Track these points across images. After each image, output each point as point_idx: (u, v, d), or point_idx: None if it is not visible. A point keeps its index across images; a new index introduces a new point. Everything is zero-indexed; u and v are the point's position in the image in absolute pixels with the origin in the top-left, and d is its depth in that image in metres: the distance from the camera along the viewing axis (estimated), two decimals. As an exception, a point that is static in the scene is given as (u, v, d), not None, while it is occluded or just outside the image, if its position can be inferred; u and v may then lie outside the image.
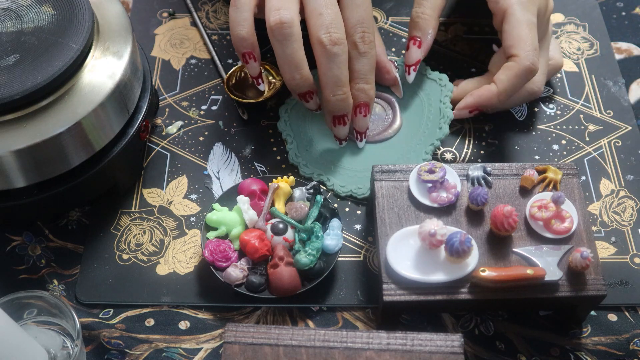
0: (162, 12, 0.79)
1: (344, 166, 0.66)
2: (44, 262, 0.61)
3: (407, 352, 0.51)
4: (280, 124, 0.69)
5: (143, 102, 0.63)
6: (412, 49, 0.67)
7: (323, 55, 0.61)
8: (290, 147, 0.67)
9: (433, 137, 0.66)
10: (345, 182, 0.65)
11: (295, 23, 0.60)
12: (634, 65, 0.76)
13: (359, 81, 0.63)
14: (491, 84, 0.65)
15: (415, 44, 0.67)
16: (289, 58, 0.61)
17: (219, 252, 0.58)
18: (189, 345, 0.58)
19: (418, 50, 0.67)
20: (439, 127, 0.66)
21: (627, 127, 0.71)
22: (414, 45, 0.67)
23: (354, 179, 0.65)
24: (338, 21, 0.61)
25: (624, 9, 0.81)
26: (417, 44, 0.67)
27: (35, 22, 0.58)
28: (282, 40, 0.60)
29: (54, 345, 0.55)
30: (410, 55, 0.67)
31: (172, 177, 0.66)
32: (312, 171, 0.66)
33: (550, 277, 0.55)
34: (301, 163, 0.66)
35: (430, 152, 0.66)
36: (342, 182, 0.65)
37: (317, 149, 0.67)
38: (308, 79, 0.63)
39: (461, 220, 0.58)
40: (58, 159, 0.56)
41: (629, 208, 0.66)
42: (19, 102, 0.53)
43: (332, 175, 0.66)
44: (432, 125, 0.67)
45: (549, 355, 0.58)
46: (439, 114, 0.67)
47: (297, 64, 0.61)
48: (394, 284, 0.55)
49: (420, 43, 0.67)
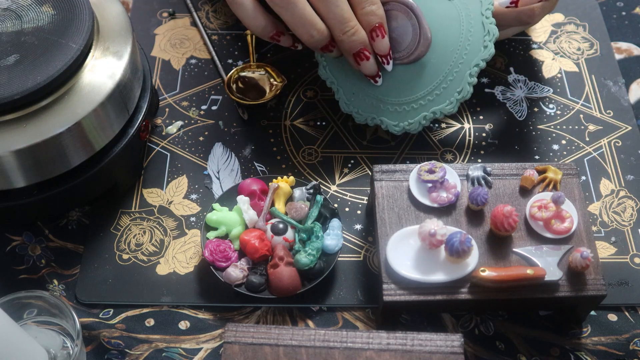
0: (162, 12, 0.79)
1: (393, 101, 0.65)
2: (44, 262, 0.61)
3: (407, 352, 0.51)
4: (320, 70, 0.68)
5: (143, 102, 0.63)
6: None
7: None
8: (339, 95, 0.67)
9: (477, 57, 0.63)
10: (397, 120, 0.65)
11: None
12: (634, 65, 0.76)
13: (364, 4, 0.61)
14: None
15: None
16: (299, 19, 0.60)
17: (219, 252, 0.58)
18: (189, 345, 0.58)
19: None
20: (484, 46, 0.63)
21: (627, 127, 0.71)
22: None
23: (403, 114, 0.65)
24: None
25: (624, 9, 0.81)
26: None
27: (35, 22, 0.58)
28: (285, 5, 0.60)
29: (54, 345, 0.55)
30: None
31: (172, 177, 0.66)
32: (365, 117, 0.66)
33: (550, 277, 0.55)
34: (353, 111, 0.67)
35: (475, 74, 0.63)
36: (394, 120, 0.65)
37: (362, 90, 0.66)
38: (324, 30, 0.61)
39: (461, 220, 0.58)
40: (58, 159, 0.56)
41: (629, 208, 0.66)
42: (19, 102, 0.53)
43: (384, 116, 0.66)
44: (475, 42, 0.63)
45: (549, 355, 0.58)
46: (483, 29, 0.63)
47: (309, 22, 0.60)
48: (394, 284, 0.55)
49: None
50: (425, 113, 0.64)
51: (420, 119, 0.65)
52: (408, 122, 0.65)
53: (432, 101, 0.65)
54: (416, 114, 0.65)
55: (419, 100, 0.65)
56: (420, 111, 0.65)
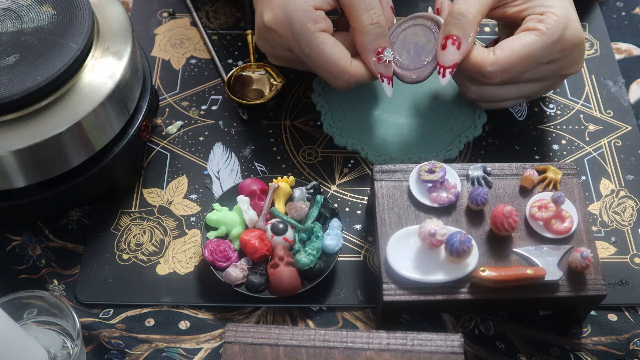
0: (162, 12, 0.79)
1: (378, 137, 0.67)
2: (44, 262, 0.61)
3: (407, 352, 0.51)
4: (314, 96, 0.70)
5: (143, 102, 0.63)
6: (449, 48, 0.60)
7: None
8: (325, 117, 0.68)
9: (467, 131, 0.68)
10: (379, 152, 0.66)
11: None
12: (634, 65, 0.76)
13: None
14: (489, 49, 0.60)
15: (454, 45, 0.60)
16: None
17: (219, 252, 0.58)
18: (189, 345, 0.58)
19: (456, 51, 0.60)
20: (475, 125, 0.68)
21: (627, 127, 0.71)
22: (452, 45, 0.60)
23: (387, 149, 0.66)
24: None
25: (624, 9, 0.81)
26: (455, 45, 0.60)
27: (35, 22, 0.58)
28: None
29: (54, 345, 0.55)
30: (447, 55, 0.60)
31: (172, 177, 0.66)
32: (346, 140, 0.67)
33: (550, 277, 0.55)
34: (335, 133, 0.68)
35: (462, 144, 0.67)
36: (376, 151, 0.66)
37: (351, 119, 0.68)
38: (354, 74, 0.62)
39: (461, 220, 0.58)
40: (58, 159, 0.56)
41: (629, 208, 0.66)
42: (19, 102, 0.53)
43: (365, 145, 0.67)
44: (467, 118, 0.68)
45: (549, 355, 0.58)
46: (474, 111, 0.69)
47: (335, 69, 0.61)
48: (394, 283, 0.55)
49: (459, 44, 0.60)
50: (410, 156, 0.66)
51: (404, 158, 0.66)
52: (390, 157, 0.66)
53: (419, 149, 0.67)
54: (401, 153, 0.67)
55: (406, 146, 0.67)
56: (405, 154, 0.67)
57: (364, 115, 0.69)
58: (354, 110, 0.69)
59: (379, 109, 0.69)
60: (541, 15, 0.61)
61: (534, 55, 0.60)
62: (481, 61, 0.60)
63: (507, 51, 0.60)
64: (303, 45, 0.60)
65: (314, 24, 0.60)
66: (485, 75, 0.60)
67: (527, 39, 0.60)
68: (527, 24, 0.61)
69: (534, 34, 0.60)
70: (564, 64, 0.62)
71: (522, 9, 0.62)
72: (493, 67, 0.60)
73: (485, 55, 0.60)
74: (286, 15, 0.60)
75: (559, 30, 0.60)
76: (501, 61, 0.60)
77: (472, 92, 0.64)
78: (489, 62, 0.60)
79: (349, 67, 0.61)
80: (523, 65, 0.60)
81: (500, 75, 0.60)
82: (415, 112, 0.69)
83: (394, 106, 0.69)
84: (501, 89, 0.63)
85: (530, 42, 0.60)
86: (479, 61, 0.60)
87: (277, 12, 0.61)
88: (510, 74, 0.60)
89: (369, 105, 0.69)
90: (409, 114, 0.69)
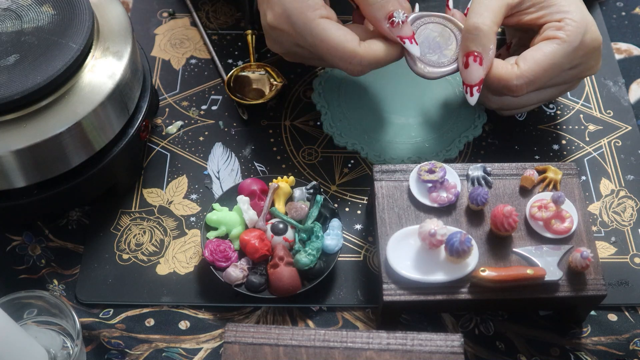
0: (162, 12, 0.79)
1: (378, 137, 0.67)
2: (44, 262, 0.61)
3: (407, 352, 0.51)
4: (314, 96, 0.70)
5: (143, 102, 0.63)
6: (472, 66, 0.59)
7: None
8: (325, 117, 0.68)
9: (467, 131, 0.68)
10: (379, 152, 0.66)
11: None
12: (634, 65, 0.76)
13: None
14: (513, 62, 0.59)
15: (476, 61, 0.59)
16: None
17: (219, 252, 0.58)
18: (189, 345, 0.58)
19: (480, 68, 0.59)
20: (475, 125, 0.68)
21: (627, 127, 0.71)
22: (475, 62, 0.59)
23: (387, 149, 0.66)
24: None
25: (624, 9, 0.81)
26: (477, 61, 0.59)
27: (35, 22, 0.58)
28: None
29: (54, 345, 0.55)
30: (472, 74, 0.59)
31: (172, 177, 0.66)
32: (346, 140, 0.67)
33: (550, 277, 0.55)
34: (335, 133, 0.67)
35: (462, 144, 0.67)
36: (376, 151, 0.66)
37: (351, 119, 0.68)
38: (364, 56, 0.59)
39: (461, 220, 0.58)
40: (58, 159, 0.56)
41: (629, 208, 0.66)
42: (19, 102, 0.53)
43: (365, 145, 0.67)
44: (467, 118, 0.68)
45: (549, 355, 0.58)
46: (474, 112, 0.68)
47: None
48: (394, 284, 0.55)
49: (481, 60, 0.59)
50: (410, 156, 0.66)
51: (403, 158, 0.66)
52: (390, 157, 0.66)
53: (419, 149, 0.67)
54: (401, 153, 0.66)
55: (406, 146, 0.67)
56: (405, 154, 0.66)
57: (364, 115, 0.69)
58: (354, 111, 0.69)
59: (379, 109, 0.69)
60: (559, 22, 0.60)
61: (558, 64, 0.60)
62: (506, 75, 0.59)
63: (531, 63, 0.59)
64: (306, 35, 0.60)
65: (312, 12, 0.59)
66: (511, 89, 0.60)
67: (549, 48, 0.59)
68: (547, 32, 0.61)
69: (555, 42, 0.59)
70: (585, 67, 0.63)
71: (539, 16, 0.62)
72: (519, 81, 0.59)
73: (509, 69, 0.60)
74: (284, 9, 0.60)
75: (580, 36, 0.60)
76: (526, 74, 0.59)
77: (494, 102, 0.64)
78: (515, 76, 0.59)
79: (357, 48, 0.59)
80: (548, 76, 0.60)
81: (526, 87, 0.60)
82: (415, 112, 0.69)
83: (394, 106, 0.69)
84: (522, 97, 0.62)
85: (552, 52, 0.59)
86: (504, 76, 0.59)
87: (277, 9, 0.61)
88: (536, 85, 0.60)
89: (369, 106, 0.69)
90: (409, 114, 0.69)
